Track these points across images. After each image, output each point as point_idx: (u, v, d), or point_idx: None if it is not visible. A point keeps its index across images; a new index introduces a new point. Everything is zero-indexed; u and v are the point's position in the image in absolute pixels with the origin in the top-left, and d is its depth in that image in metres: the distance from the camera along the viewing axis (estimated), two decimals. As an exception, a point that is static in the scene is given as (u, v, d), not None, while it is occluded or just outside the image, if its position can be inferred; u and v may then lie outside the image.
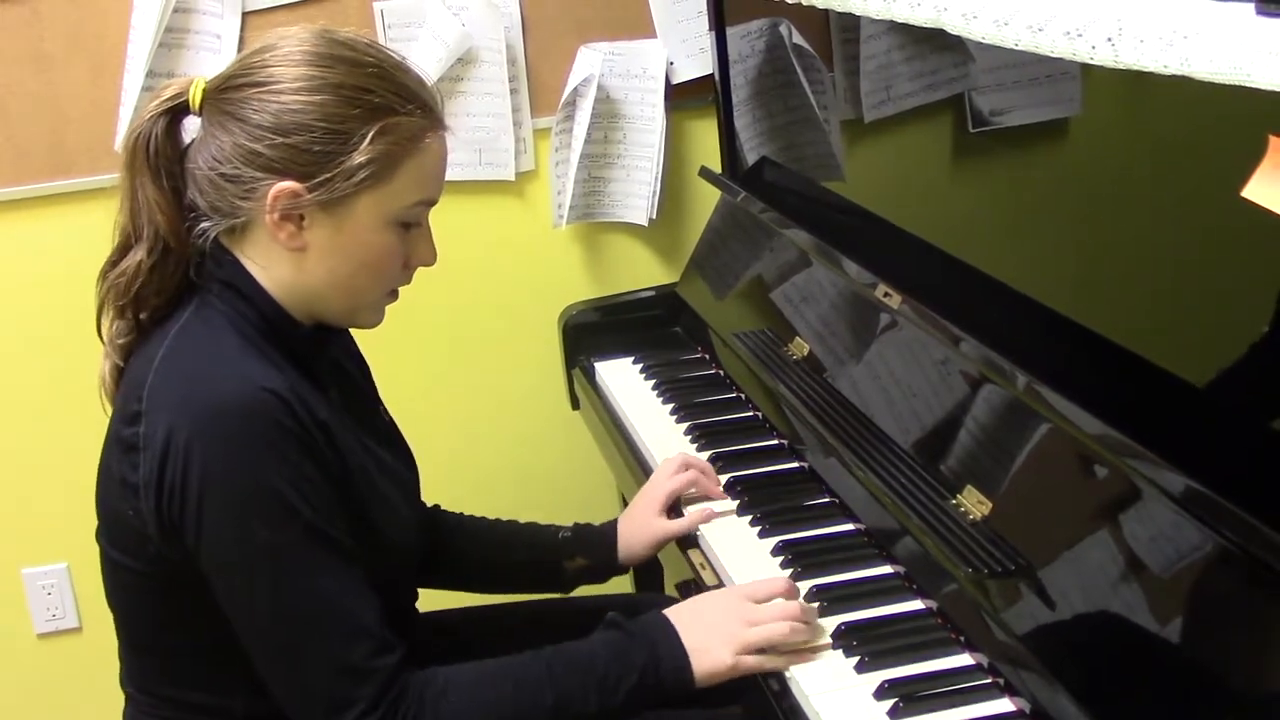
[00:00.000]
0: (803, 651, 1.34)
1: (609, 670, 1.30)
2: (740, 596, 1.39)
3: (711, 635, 1.34)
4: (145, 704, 1.40)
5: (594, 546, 1.64)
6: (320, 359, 1.40)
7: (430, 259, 1.39)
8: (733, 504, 1.66)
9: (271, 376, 1.27)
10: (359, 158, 1.27)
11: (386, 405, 1.56)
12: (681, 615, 1.37)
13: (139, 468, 1.26)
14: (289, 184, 1.27)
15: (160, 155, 1.31)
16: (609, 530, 1.64)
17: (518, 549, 1.65)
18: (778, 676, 1.33)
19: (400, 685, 1.26)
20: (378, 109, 1.28)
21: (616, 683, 1.30)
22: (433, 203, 1.36)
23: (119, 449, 1.30)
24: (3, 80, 2.24)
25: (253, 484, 1.23)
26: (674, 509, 1.66)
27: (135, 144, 1.31)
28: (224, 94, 1.30)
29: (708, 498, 1.67)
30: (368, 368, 1.55)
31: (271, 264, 1.32)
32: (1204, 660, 1.10)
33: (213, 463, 1.23)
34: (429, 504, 1.64)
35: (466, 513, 1.69)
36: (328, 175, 1.27)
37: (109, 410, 1.36)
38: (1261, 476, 1.11)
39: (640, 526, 1.63)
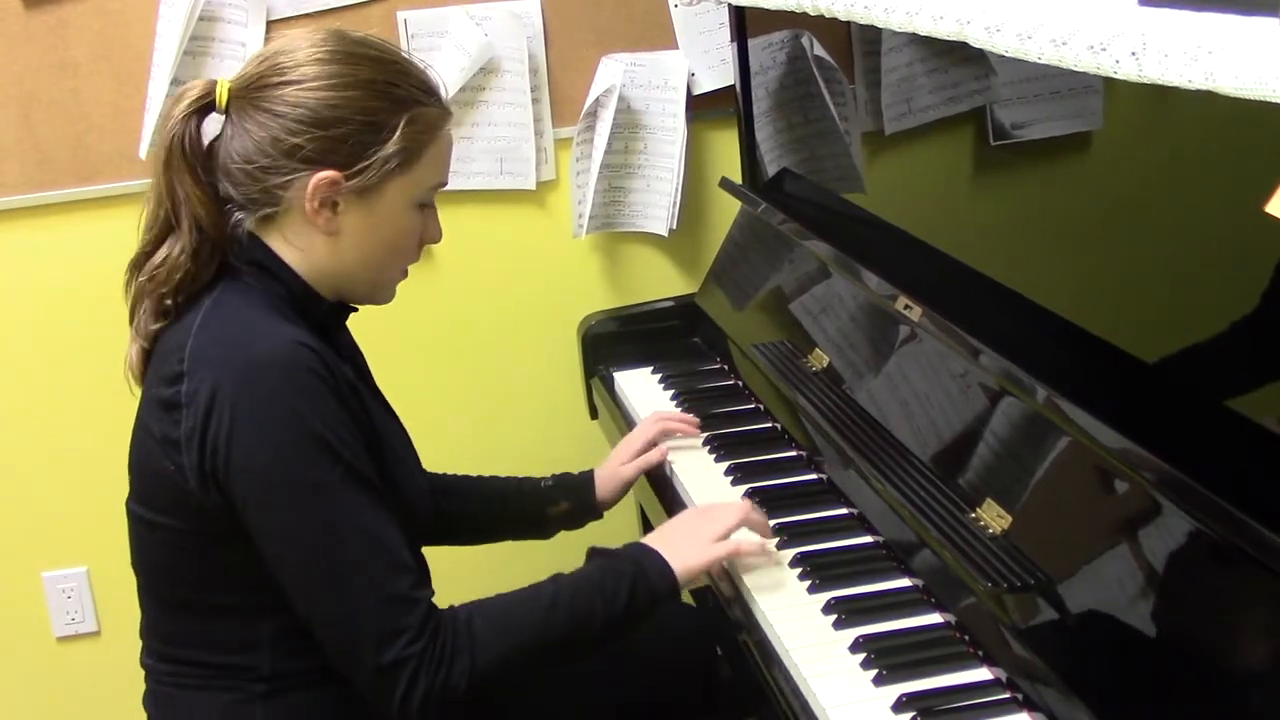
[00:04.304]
0: (818, 662, 1.35)
1: (604, 582, 1.42)
2: (699, 509, 1.60)
3: (682, 540, 1.50)
4: (168, 674, 1.44)
5: (574, 492, 1.79)
6: (340, 334, 1.50)
7: (438, 236, 1.49)
8: (728, 483, 1.76)
9: (303, 335, 1.36)
10: (391, 147, 1.37)
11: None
12: (653, 536, 1.52)
13: (181, 423, 1.33)
14: (328, 174, 1.36)
15: (194, 153, 1.38)
16: (587, 477, 1.80)
17: (507, 501, 1.78)
18: (796, 691, 1.33)
19: (437, 615, 1.35)
20: (404, 101, 1.39)
21: (614, 592, 1.41)
22: (444, 185, 1.47)
23: (159, 409, 1.36)
24: (29, 87, 2.26)
25: (296, 429, 1.30)
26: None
27: (173, 144, 1.38)
28: (255, 92, 1.38)
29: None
30: (364, 357, 1.61)
31: (306, 247, 1.41)
32: (1225, 677, 1.10)
33: (256, 412, 1.30)
34: None
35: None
36: (364, 164, 1.37)
37: (136, 394, 1.43)
38: (1284, 493, 1.11)
39: (610, 473, 1.81)
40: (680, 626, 1.71)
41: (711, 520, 1.52)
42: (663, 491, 1.81)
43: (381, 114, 1.37)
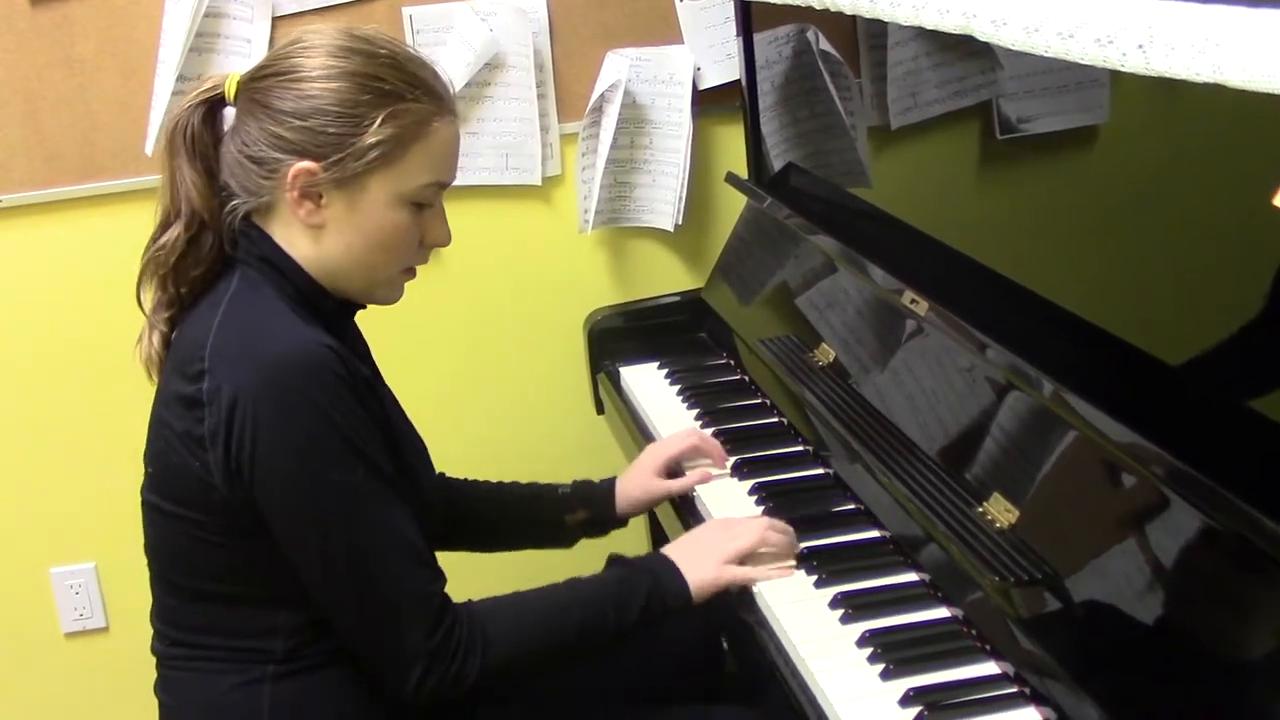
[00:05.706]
0: (825, 656, 1.35)
1: (620, 594, 1.45)
2: (720, 523, 1.58)
3: (700, 554, 1.51)
4: (180, 658, 1.46)
5: (593, 499, 1.75)
6: (348, 330, 1.51)
7: (445, 239, 1.47)
8: (734, 479, 1.74)
9: (322, 335, 1.37)
10: (369, 139, 1.37)
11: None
12: (672, 547, 1.54)
13: (204, 421, 1.35)
14: (306, 164, 1.38)
15: (197, 141, 1.42)
16: (607, 485, 1.76)
17: (522, 508, 1.76)
18: (803, 685, 1.33)
19: (453, 609, 1.38)
20: (387, 95, 1.38)
21: (627, 604, 1.45)
22: (445, 185, 1.45)
23: (180, 405, 1.38)
24: (34, 83, 2.26)
25: (318, 430, 1.32)
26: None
27: (174, 131, 1.42)
28: (254, 84, 1.41)
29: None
30: (371, 354, 1.61)
31: (294, 240, 1.42)
32: (1233, 672, 1.10)
33: (279, 413, 1.32)
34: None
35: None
36: (341, 155, 1.37)
37: (150, 385, 1.45)
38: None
39: (638, 483, 1.75)
40: (686, 617, 1.71)
41: (733, 538, 1.51)
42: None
43: (361, 107, 1.37)
